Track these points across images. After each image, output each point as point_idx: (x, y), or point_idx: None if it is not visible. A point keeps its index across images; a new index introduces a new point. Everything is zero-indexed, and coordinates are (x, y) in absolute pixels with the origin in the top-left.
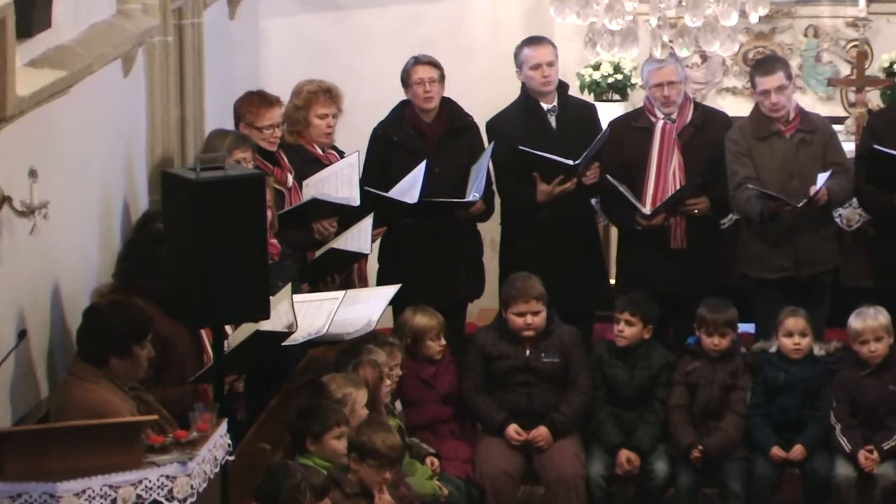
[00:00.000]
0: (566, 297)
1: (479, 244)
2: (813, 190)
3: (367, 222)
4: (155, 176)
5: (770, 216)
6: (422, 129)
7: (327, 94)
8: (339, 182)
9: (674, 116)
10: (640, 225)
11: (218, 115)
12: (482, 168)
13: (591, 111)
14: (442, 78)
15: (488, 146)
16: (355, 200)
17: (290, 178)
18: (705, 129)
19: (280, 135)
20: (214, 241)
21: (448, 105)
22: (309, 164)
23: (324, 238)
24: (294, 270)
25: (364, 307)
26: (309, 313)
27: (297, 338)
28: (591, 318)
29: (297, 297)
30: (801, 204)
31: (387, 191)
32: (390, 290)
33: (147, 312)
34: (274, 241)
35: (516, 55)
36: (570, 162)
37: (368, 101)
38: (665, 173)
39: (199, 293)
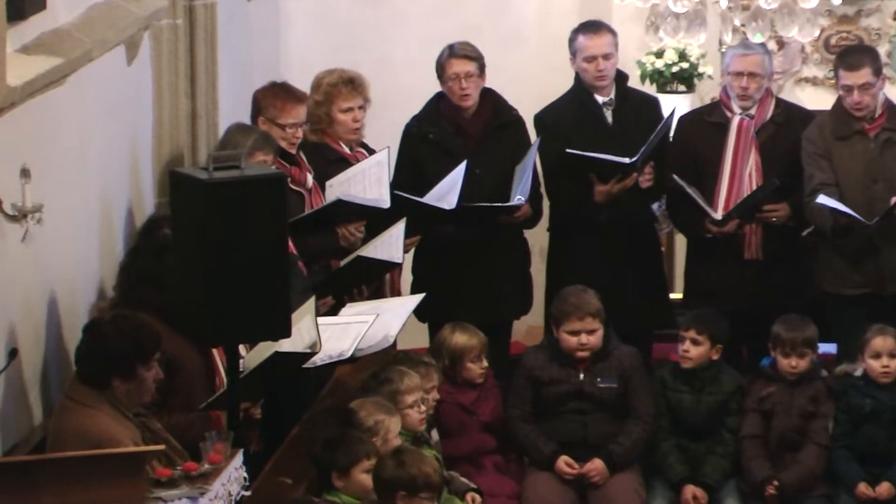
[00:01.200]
0: (625, 313)
1: (525, 254)
2: (894, 200)
3: (399, 228)
4: (162, 176)
5: (842, 231)
6: (460, 125)
7: (350, 85)
8: (367, 182)
9: (752, 112)
10: (711, 232)
11: (233, 108)
12: (528, 167)
13: (652, 105)
14: (481, 70)
15: (534, 142)
16: (385, 202)
17: (310, 178)
18: (787, 128)
19: (301, 135)
20: (229, 248)
21: (491, 97)
22: (335, 164)
23: (350, 245)
24: (305, 281)
25: (382, 321)
26: (334, 336)
27: (316, 360)
28: (652, 337)
29: (322, 320)
30: (874, 222)
31: (421, 195)
32: (412, 301)
33: (154, 329)
34: None
35: (570, 41)
36: (627, 160)
37: (402, 94)
38: (740, 175)
39: (212, 308)
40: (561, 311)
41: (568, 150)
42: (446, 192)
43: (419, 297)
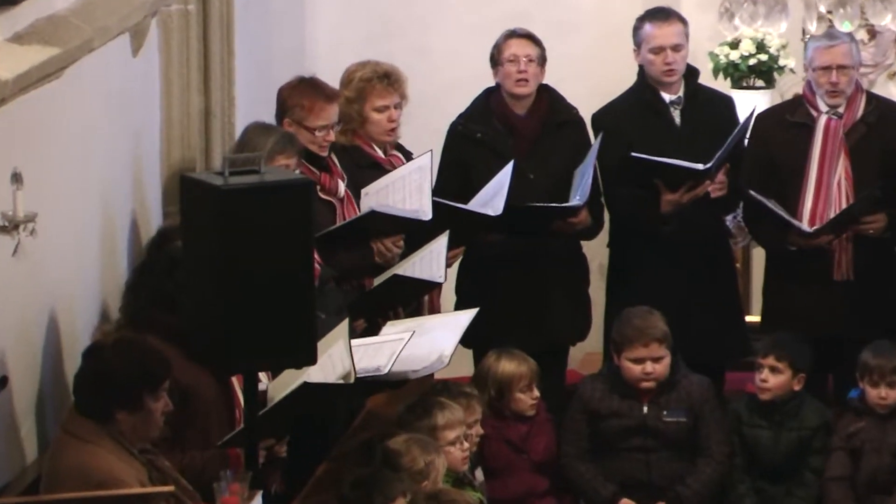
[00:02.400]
0: (695, 338)
1: (583, 270)
2: None
3: (441, 243)
4: (172, 182)
5: None
6: (513, 125)
7: (385, 80)
8: (407, 190)
9: (841, 110)
10: (797, 245)
11: (251, 105)
12: (588, 169)
13: (726, 105)
14: (542, 59)
15: (594, 143)
16: (426, 213)
17: (342, 186)
18: (880, 128)
19: (332, 139)
20: (248, 264)
21: (547, 94)
22: (366, 169)
23: (386, 262)
24: (339, 300)
25: (433, 338)
26: (367, 355)
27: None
28: (726, 366)
29: (355, 341)
30: None
31: (467, 202)
32: (466, 316)
33: (163, 355)
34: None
35: (635, 31)
36: (700, 167)
37: (443, 90)
38: (827, 183)
39: (229, 331)
40: (623, 335)
41: (633, 154)
42: (491, 197)
43: (473, 311)
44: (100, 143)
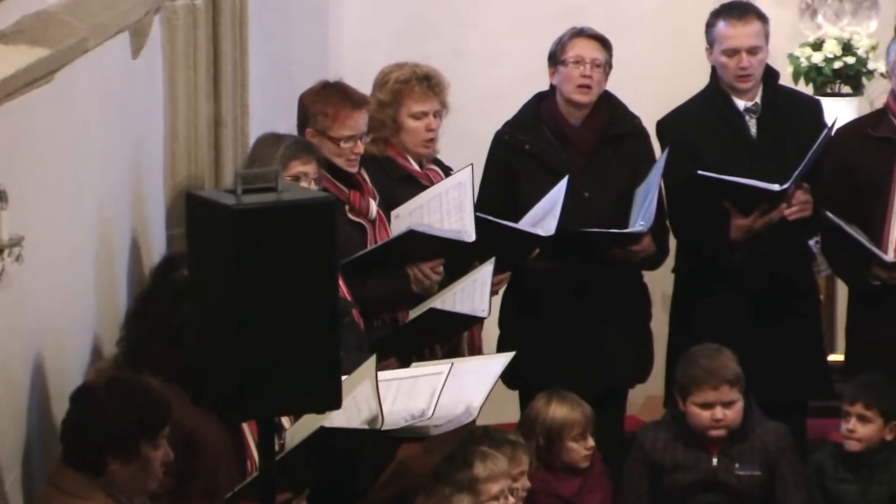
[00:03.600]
0: (771, 380)
1: (644, 301)
2: None
3: (486, 271)
4: (177, 200)
5: None
6: (566, 135)
7: (425, 84)
8: (444, 210)
9: None
10: (880, 278)
11: (268, 113)
12: (652, 189)
13: (813, 111)
14: (608, 66)
15: (659, 158)
16: (469, 234)
17: (374, 206)
18: None
19: (362, 150)
20: (263, 294)
21: (606, 102)
22: (399, 184)
23: (425, 290)
24: (359, 335)
25: (461, 386)
26: (402, 392)
27: (389, 423)
28: (807, 412)
29: (382, 375)
30: None
31: (514, 221)
32: (499, 362)
33: (163, 397)
34: None
35: (708, 27)
36: (776, 187)
37: (484, 95)
38: None
39: (241, 371)
40: (689, 377)
41: (699, 172)
42: (542, 217)
43: (508, 356)
44: (95, 157)
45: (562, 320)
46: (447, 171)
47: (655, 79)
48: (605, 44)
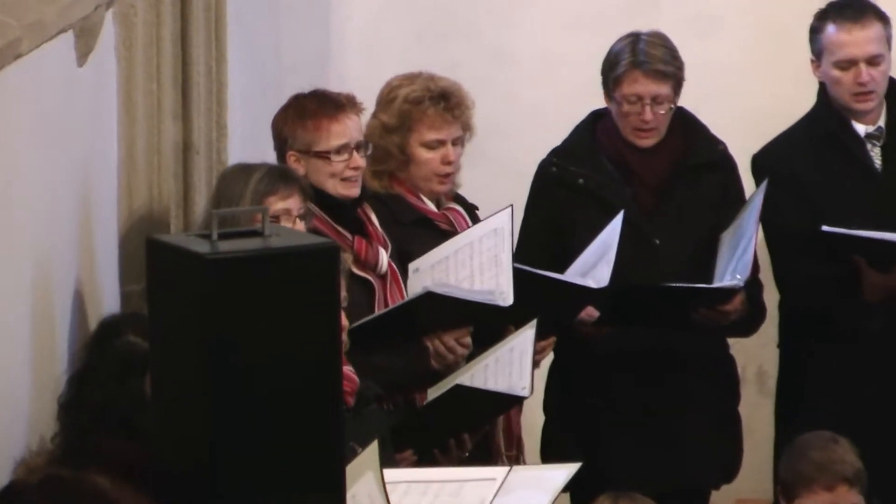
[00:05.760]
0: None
1: (731, 379)
2: None
3: (526, 338)
4: (134, 247)
5: None
6: (631, 166)
7: (441, 104)
8: (477, 263)
9: None
10: None
11: (252, 136)
12: (747, 232)
13: None
14: (677, 88)
15: (755, 193)
16: (506, 297)
17: (385, 257)
18: None
19: (362, 164)
20: (245, 366)
21: (681, 124)
22: (410, 229)
23: (448, 367)
24: (381, 423)
25: (512, 501)
26: (440, 500)
27: None
28: None
29: (399, 475)
30: None
31: (562, 271)
32: (563, 473)
33: (108, 498)
34: (347, 367)
35: (813, 33)
36: None
37: (526, 111)
38: None
39: (215, 463)
40: (797, 474)
41: (824, 228)
42: (593, 264)
43: (573, 467)
44: (29, 193)
45: (625, 403)
46: (471, 211)
47: (745, 94)
48: (667, 72)
